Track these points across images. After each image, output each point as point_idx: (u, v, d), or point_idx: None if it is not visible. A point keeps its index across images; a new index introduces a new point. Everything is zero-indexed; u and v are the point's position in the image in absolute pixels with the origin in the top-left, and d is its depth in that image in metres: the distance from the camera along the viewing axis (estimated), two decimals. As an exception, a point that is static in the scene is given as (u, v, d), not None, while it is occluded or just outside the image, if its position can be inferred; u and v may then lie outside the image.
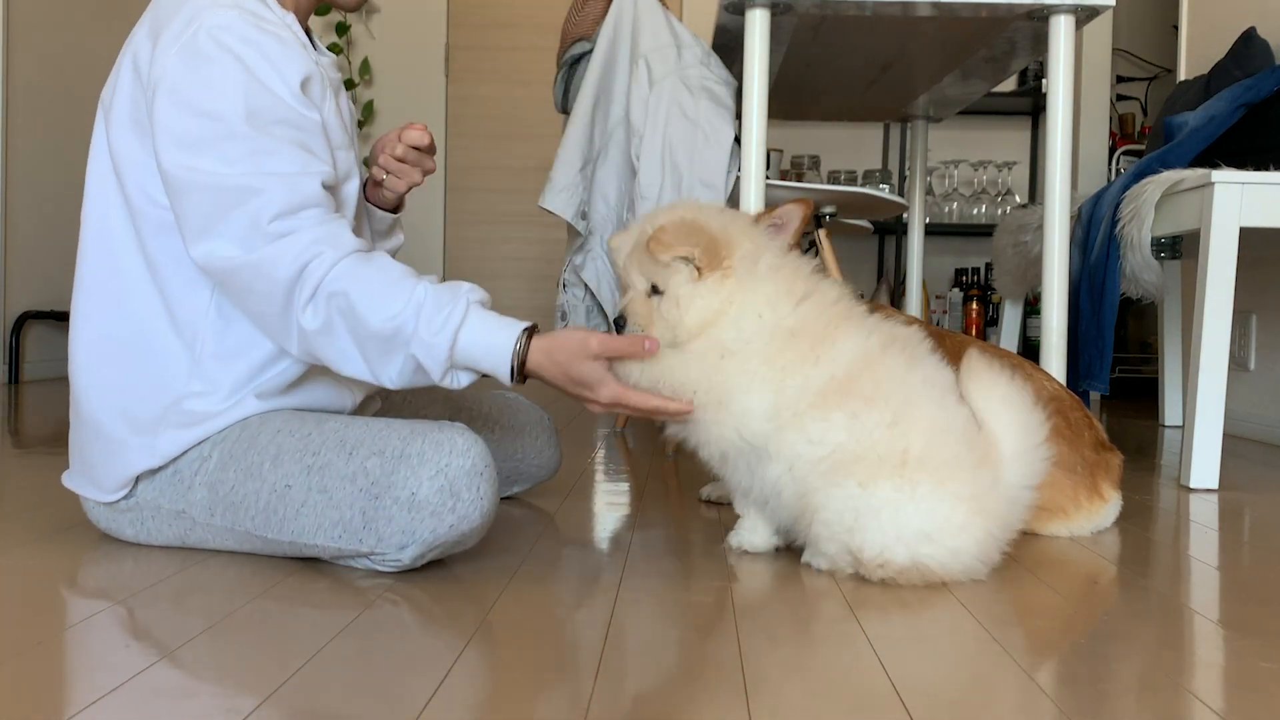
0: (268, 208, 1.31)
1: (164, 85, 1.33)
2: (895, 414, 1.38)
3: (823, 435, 1.39)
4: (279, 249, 1.31)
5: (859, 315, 1.48)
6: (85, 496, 1.49)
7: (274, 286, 1.31)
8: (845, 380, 1.40)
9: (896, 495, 1.36)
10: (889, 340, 1.44)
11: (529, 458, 1.88)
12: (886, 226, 5.02)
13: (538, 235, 5.32)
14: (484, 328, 1.34)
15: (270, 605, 1.24)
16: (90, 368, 1.44)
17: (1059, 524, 1.71)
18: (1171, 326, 3.56)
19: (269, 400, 1.45)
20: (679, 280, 1.45)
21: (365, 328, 1.31)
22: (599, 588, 1.36)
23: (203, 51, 1.33)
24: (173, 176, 1.33)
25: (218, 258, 1.33)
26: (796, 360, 1.41)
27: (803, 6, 2.12)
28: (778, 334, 1.42)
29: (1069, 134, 2.13)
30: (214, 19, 1.34)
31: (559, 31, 2.83)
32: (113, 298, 1.43)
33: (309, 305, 1.32)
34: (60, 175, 4.30)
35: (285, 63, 1.36)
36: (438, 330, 1.32)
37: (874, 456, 1.37)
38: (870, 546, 1.36)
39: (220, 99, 1.32)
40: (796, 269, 1.48)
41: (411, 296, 1.32)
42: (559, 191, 2.64)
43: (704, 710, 0.95)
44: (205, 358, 1.42)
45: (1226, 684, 1.05)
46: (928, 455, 1.37)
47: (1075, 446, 1.73)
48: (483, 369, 1.36)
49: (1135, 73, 5.17)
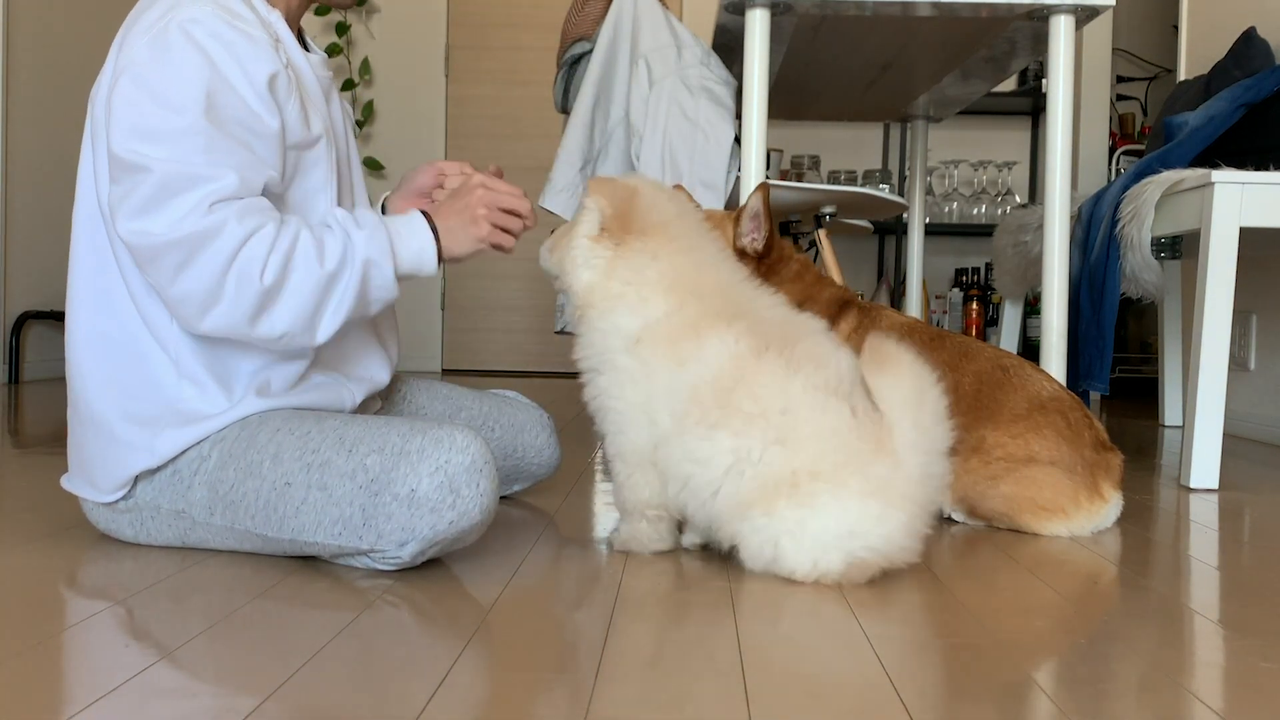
0: (213, 195, 1.32)
1: (129, 72, 1.34)
2: (778, 431, 1.36)
3: (709, 456, 1.38)
4: (214, 222, 1.31)
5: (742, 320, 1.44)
6: (84, 498, 1.49)
7: (216, 256, 1.31)
8: (717, 392, 1.38)
9: (800, 513, 1.35)
10: (762, 346, 1.40)
11: (529, 456, 1.88)
12: (886, 226, 5.02)
13: (538, 235, 5.32)
14: (395, 223, 1.47)
15: (270, 605, 1.24)
16: (87, 367, 1.44)
17: (1059, 524, 1.71)
18: (1171, 326, 3.56)
19: (269, 399, 1.45)
20: (581, 227, 1.48)
21: (320, 269, 1.37)
22: (599, 588, 1.36)
23: (171, 43, 1.33)
24: (122, 160, 1.32)
25: (147, 235, 1.31)
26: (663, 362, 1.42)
27: (803, 6, 2.12)
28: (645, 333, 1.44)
29: (1069, 134, 2.13)
30: (187, 12, 1.35)
31: (559, 31, 2.83)
32: (102, 298, 1.44)
33: (265, 264, 1.33)
34: (60, 175, 4.30)
35: (252, 62, 1.37)
36: (373, 241, 1.42)
37: (768, 482, 1.35)
38: (801, 567, 1.36)
39: (182, 92, 1.32)
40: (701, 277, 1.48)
41: (341, 226, 1.42)
42: (559, 191, 2.64)
43: (704, 710, 0.95)
44: (185, 359, 1.42)
45: (1226, 684, 1.05)
46: (818, 466, 1.35)
47: (1075, 447, 1.72)
48: (411, 254, 1.46)
49: (1135, 73, 5.18)
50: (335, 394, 1.53)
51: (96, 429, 1.44)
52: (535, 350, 5.40)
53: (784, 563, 1.37)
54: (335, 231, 1.41)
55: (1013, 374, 1.80)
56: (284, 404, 1.46)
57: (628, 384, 1.45)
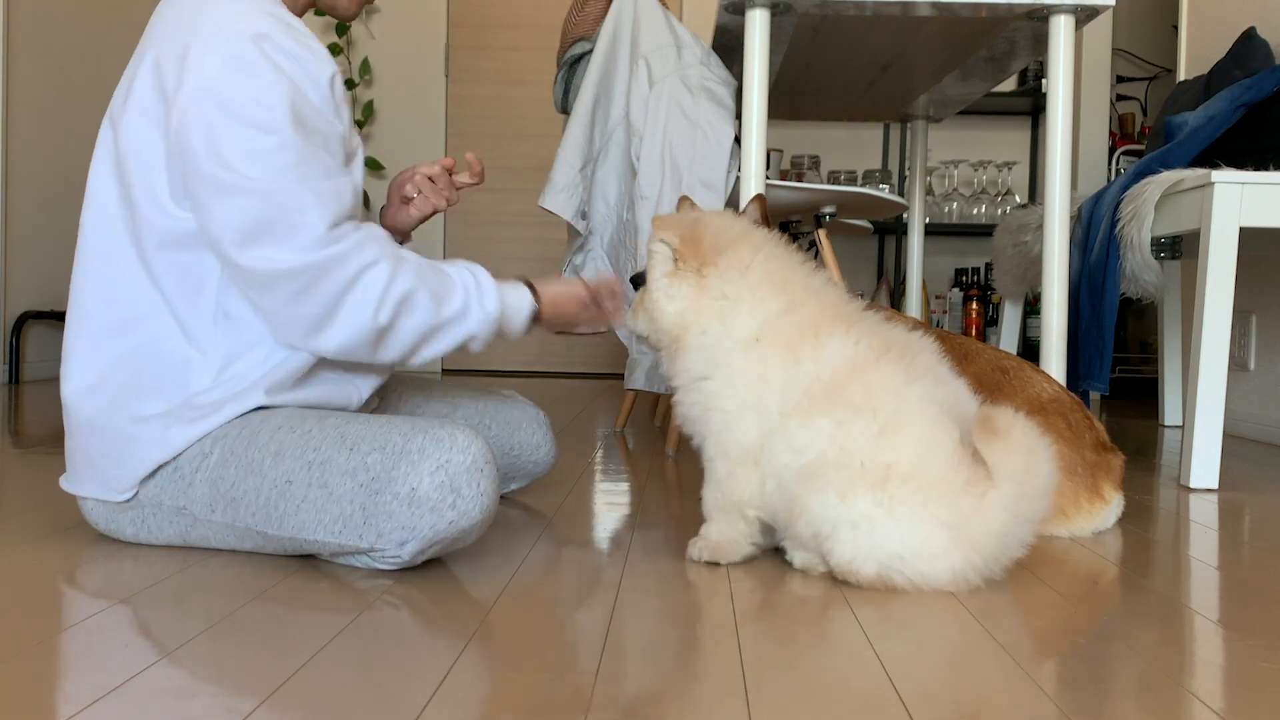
0: (321, 214, 1.36)
1: (207, 95, 1.34)
2: (882, 425, 1.35)
3: (806, 442, 1.37)
4: (337, 253, 1.37)
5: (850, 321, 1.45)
6: (91, 498, 1.49)
7: (334, 285, 1.37)
8: (831, 388, 1.38)
9: (875, 511, 1.33)
10: (884, 348, 1.40)
11: (525, 454, 1.88)
12: (886, 226, 5.02)
13: (538, 235, 5.33)
14: (509, 293, 1.55)
15: (270, 606, 1.24)
16: (99, 373, 1.44)
17: (1059, 525, 1.71)
18: (1171, 326, 3.56)
19: (277, 395, 1.46)
20: (656, 270, 1.48)
21: (434, 317, 1.44)
22: (599, 588, 1.36)
23: (249, 60, 1.35)
24: (221, 182, 1.34)
25: (271, 261, 1.35)
26: (779, 369, 1.41)
27: (803, 6, 2.12)
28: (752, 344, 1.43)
29: (1069, 134, 2.13)
30: (253, 26, 1.36)
31: (559, 31, 2.83)
32: (118, 304, 1.44)
33: (378, 304, 1.39)
34: (60, 175, 4.30)
35: (317, 69, 1.41)
36: (489, 306, 1.50)
37: (856, 465, 1.34)
38: (840, 561, 1.36)
39: (270, 110, 1.34)
40: (780, 277, 1.48)
41: (463, 284, 1.49)
42: (559, 191, 2.64)
43: (704, 710, 0.95)
44: (215, 357, 1.43)
45: (1226, 684, 1.05)
46: (915, 470, 1.33)
47: (1076, 448, 1.72)
48: (508, 329, 1.55)
49: (1135, 73, 5.18)
50: (342, 390, 1.54)
51: (106, 431, 1.44)
52: (534, 350, 5.40)
53: (827, 544, 1.36)
54: (456, 293, 1.47)
55: (1012, 376, 1.80)
56: (292, 400, 1.48)
57: (741, 383, 1.44)
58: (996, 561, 1.37)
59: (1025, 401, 1.76)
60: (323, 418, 1.43)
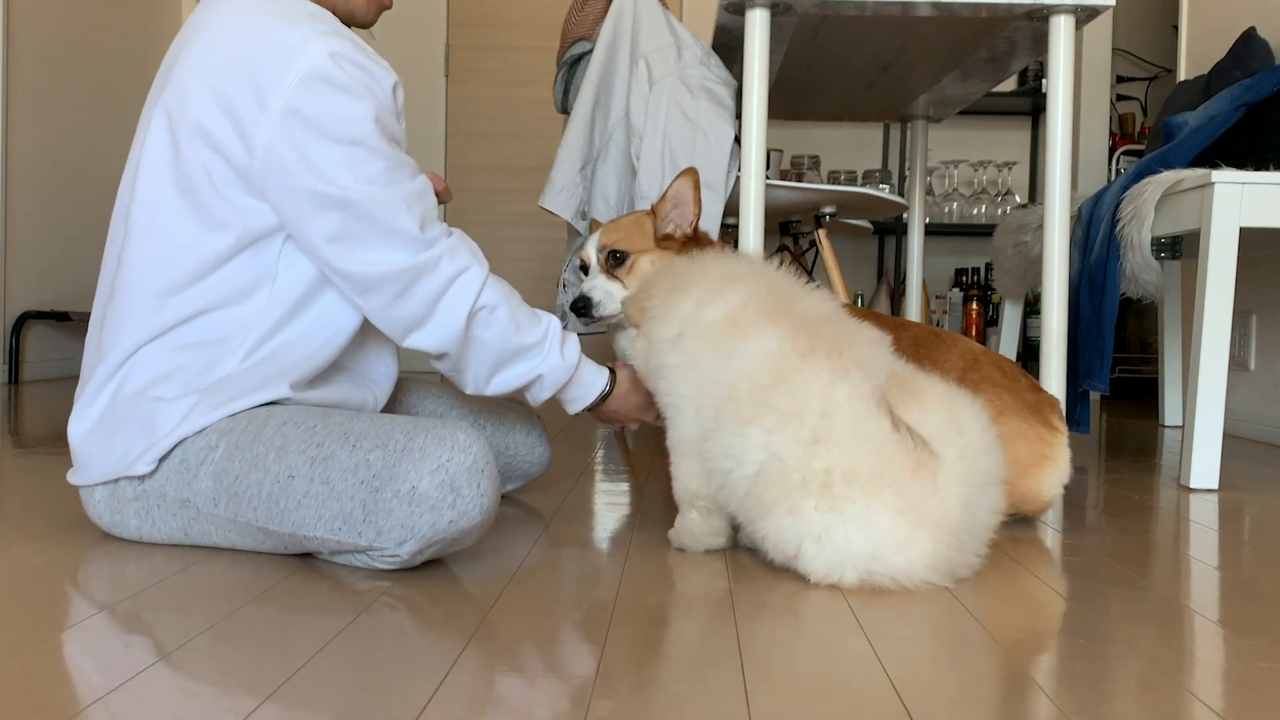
0: (411, 217, 1.43)
1: (296, 117, 1.38)
2: (813, 431, 1.34)
3: (742, 452, 1.38)
4: (436, 255, 1.44)
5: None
6: (103, 483, 1.48)
7: (430, 288, 1.45)
8: (754, 389, 1.38)
9: (828, 518, 1.32)
10: (808, 348, 1.39)
11: (520, 454, 1.89)
12: (886, 226, 5.02)
13: (538, 235, 5.32)
14: (592, 364, 1.66)
15: (270, 606, 1.24)
16: (146, 350, 1.46)
17: (1048, 473, 1.72)
18: (1171, 326, 3.56)
19: (300, 391, 1.49)
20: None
21: (511, 339, 1.51)
22: (599, 587, 1.36)
23: (332, 80, 1.39)
24: (318, 195, 1.39)
25: (372, 265, 1.42)
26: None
27: (803, 6, 2.12)
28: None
29: (1069, 134, 2.13)
30: (329, 46, 1.40)
31: (559, 31, 2.83)
32: (171, 286, 1.45)
33: (470, 311, 1.47)
34: (60, 175, 4.30)
35: (385, 79, 1.46)
36: (568, 355, 1.59)
37: (797, 479, 1.33)
38: (816, 574, 1.35)
39: (355, 124, 1.40)
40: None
41: (547, 324, 1.57)
42: (559, 191, 2.64)
43: (704, 710, 0.95)
44: (258, 348, 1.47)
45: (1226, 684, 1.05)
46: (855, 470, 1.31)
47: (1014, 391, 1.76)
48: (576, 394, 1.64)
49: (1135, 73, 5.18)
50: (359, 393, 1.59)
51: (136, 401, 1.45)
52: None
53: (798, 563, 1.36)
54: (537, 327, 1.55)
55: (944, 338, 1.87)
56: (310, 398, 1.51)
57: (679, 379, 1.50)
58: (971, 536, 1.36)
59: (959, 355, 1.80)
60: (327, 415, 1.44)
